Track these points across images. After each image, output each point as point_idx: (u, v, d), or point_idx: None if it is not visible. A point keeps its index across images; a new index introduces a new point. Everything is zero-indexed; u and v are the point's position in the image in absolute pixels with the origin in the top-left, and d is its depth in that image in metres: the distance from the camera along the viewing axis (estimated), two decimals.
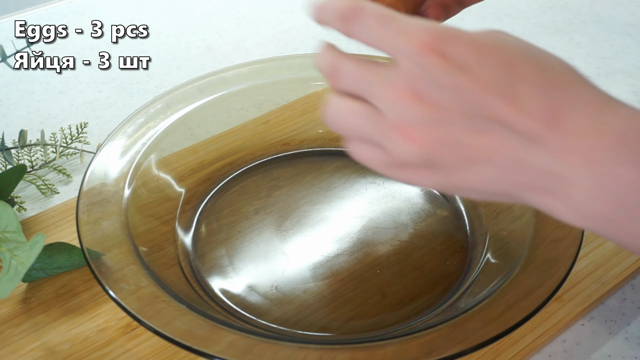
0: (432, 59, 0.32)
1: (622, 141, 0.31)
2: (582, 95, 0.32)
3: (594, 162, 0.31)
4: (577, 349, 0.47)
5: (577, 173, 0.31)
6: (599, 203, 0.31)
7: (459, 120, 0.33)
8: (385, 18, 0.34)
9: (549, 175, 0.32)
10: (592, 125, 0.31)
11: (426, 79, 0.33)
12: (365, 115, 0.35)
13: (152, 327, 0.40)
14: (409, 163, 0.34)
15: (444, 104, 0.33)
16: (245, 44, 0.83)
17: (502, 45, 0.34)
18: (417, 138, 0.33)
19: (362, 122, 0.35)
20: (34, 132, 0.68)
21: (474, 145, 0.33)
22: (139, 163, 0.54)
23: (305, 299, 0.49)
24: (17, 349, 0.46)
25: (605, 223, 0.32)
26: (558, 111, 0.32)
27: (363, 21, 0.34)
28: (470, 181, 0.34)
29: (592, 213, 0.32)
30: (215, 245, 0.53)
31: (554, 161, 0.32)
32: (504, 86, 0.32)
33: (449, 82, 0.32)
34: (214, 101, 0.61)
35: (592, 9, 0.88)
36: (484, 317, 0.42)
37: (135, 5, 0.92)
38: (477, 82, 0.32)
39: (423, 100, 0.33)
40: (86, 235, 0.47)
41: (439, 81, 0.32)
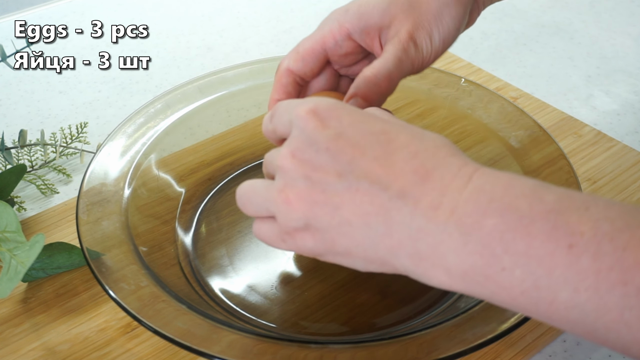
0: (311, 122, 0.35)
1: (482, 193, 0.32)
2: (450, 159, 0.34)
3: (461, 216, 0.32)
4: (578, 349, 0.47)
5: (446, 229, 0.32)
6: (471, 257, 0.31)
7: (333, 180, 0.34)
8: (289, 102, 0.38)
9: (418, 234, 0.32)
10: (456, 183, 0.33)
11: (305, 140, 0.35)
12: (260, 187, 0.38)
13: (152, 327, 0.40)
14: (293, 228, 0.35)
15: (319, 163, 0.34)
16: (245, 44, 0.83)
17: (380, 117, 0.36)
18: (294, 200, 0.35)
19: (256, 194, 0.38)
20: (34, 132, 0.68)
21: (347, 206, 0.34)
22: (139, 163, 0.54)
23: (305, 299, 0.49)
24: (17, 349, 0.46)
25: (482, 280, 0.31)
26: (427, 172, 0.33)
27: (277, 112, 0.39)
28: (347, 246, 0.35)
29: (467, 271, 0.32)
30: (215, 245, 0.53)
31: (422, 218, 0.32)
32: (376, 149, 0.34)
33: (324, 142, 0.34)
34: (214, 101, 0.61)
35: (592, 9, 0.88)
36: (484, 317, 0.42)
37: (135, 5, 0.92)
38: (350, 144, 0.34)
39: (300, 160, 0.35)
40: (86, 235, 0.47)
41: (316, 142, 0.34)
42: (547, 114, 0.67)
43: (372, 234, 0.34)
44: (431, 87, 0.61)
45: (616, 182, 0.59)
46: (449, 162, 0.33)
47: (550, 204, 0.30)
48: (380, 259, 0.34)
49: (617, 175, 0.60)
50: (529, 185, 0.32)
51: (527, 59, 0.79)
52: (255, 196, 0.38)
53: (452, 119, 0.60)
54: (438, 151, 0.34)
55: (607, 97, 0.72)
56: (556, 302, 0.30)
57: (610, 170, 0.60)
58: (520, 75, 0.75)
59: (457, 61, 0.76)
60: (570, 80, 0.75)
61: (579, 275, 0.29)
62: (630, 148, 0.63)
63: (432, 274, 0.33)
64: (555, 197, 0.31)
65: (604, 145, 0.63)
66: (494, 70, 0.76)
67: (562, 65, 0.77)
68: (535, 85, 0.74)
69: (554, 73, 0.76)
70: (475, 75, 0.73)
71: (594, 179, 0.59)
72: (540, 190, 0.31)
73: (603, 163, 0.61)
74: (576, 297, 0.29)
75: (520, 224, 0.30)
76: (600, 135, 0.64)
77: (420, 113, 0.62)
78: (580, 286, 0.29)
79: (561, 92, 0.73)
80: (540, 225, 0.30)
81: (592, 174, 0.60)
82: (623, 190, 0.58)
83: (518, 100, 0.70)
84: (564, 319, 0.30)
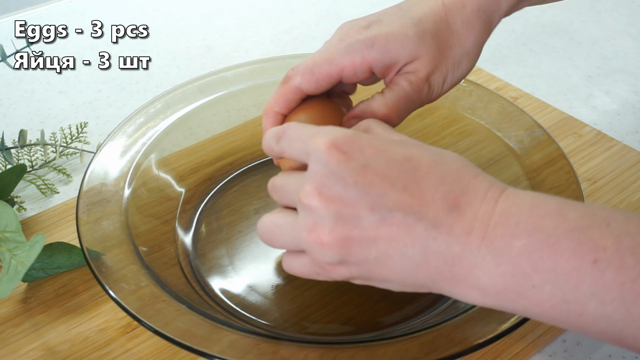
0: (334, 157, 0.34)
1: (510, 217, 0.33)
2: (475, 183, 0.35)
3: (492, 240, 0.33)
4: (578, 349, 0.47)
5: (479, 254, 0.33)
6: (504, 278, 0.33)
7: (365, 214, 0.34)
8: (301, 128, 0.37)
9: (454, 260, 0.34)
10: (485, 208, 0.34)
11: (330, 176, 0.34)
12: (284, 224, 0.37)
13: (152, 327, 0.40)
14: (327, 263, 0.36)
15: (348, 199, 0.34)
16: (245, 44, 0.83)
17: (401, 142, 0.36)
18: (326, 239, 0.34)
19: (283, 231, 0.37)
20: (34, 132, 0.68)
21: (383, 239, 0.34)
22: (139, 163, 0.54)
23: (305, 299, 0.49)
24: (17, 349, 0.46)
25: (514, 297, 0.33)
26: (456, 198, 0.34)
27: (287, 135, 0.38)
28: (384, 275, 0.35)
29: (500, 290, 0.33)
30: (215, 245, 0.53)
31: (458, 246, 0.33)
32: (404, 179, 0.34)
33: (352, 177, 0.34)
34: (214, 101, 0.61)
35: (592, 8, 0.88)
36: (484, 317, 0.42)
37: (135, 5, 0.92)
38: (378, 175, 0.34)
39: (328, 197, 0.34)
40: (86, 235, 0.47)
41: (342, 177, 0.34)
42: (547, 114, 0.67)
43: (410, 264, 0.34)
44: None
45: (616, 182, 0.59)
46: (476, 186, 0.35)
47: (573, 222, 0.32)
48: (417, 284, 0.35)
49: (617, 175, 0.60)
50: (553, 204, 0.33)
51: (527, 59, 0.79)
52: (281, 234, 0.38)
53: (452, 119, 0.60)
54: (462, 174, 0.35)
55: (607, 97, 0.72)
56: (585, 314, 0.31)
57: (610, 170, 0.60)
58: (520, 75, 0.75)
59: None
60: (570, 80, 0.75)
61: (605, 288, 0.31)
62: (630, 148, 0.63)
63: (468, 293, 0.34)
64: (578, 214, 0.33)
65: (604, 145, 0.63)
66: (494, 70, 0.76)
67: (562, 65, 0.77)
68: (535, 85, 0.74)
69: (554, 73, 0.76)
70: (475, 75, 0.73)
71: (594, 179, 0.59)
72: (563, 208, 0.33)
73: (603, 163, 0.61)
74: (603, 308, 0.31)
75: (547, 243, 0.32)
76: (600, 135, 0.64)
77: (420, 113, 0.62)
78: (606, 298, 0.31)
79: (561, 92, 0.73)
80: (566, 244, 0.32)
81: (592, 174, 0.60)
82: (623, 190, 0.58)
83: (518, 100, 0.70)
84: (593, 328, 0.32)
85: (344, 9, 0.90)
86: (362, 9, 0.88)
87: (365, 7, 0.88)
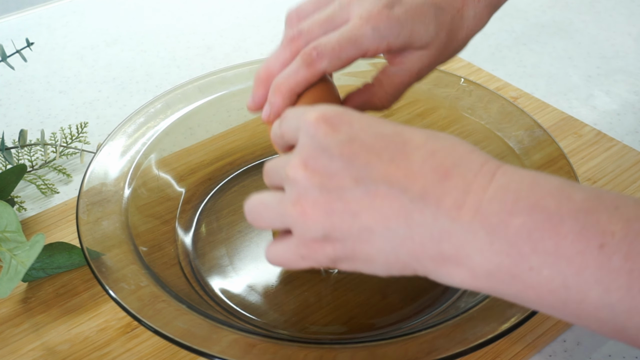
0: (322, 129, 0.34)
1: (507, 192, 0.31)
2: (469, 157, 0.33)
3: (486, 215, 0.31)
4: (578, 349, 0.47)
5: (471, 229, 0.31)
6: (498, 257, 0.31)
7: (350, 186, 0.33)
8: (298, 109, 0.37)
9: (441, 235, 0.32)
10: (479, 182, 0.32)
11: (316, 148, 0.34)
12: (270, 201, 0.36)
13: (152, 327, 0.40)
14: (311, 239, 0.34)
15: (334, 170, 0.33)
16: (245, 44, 0.83)
17: (393, 122, 0.35)
18: (311, 211, 0.34)
19: (268, 209, 0.37)
20: (34, 132, 0.68)
21: (366, 211, 0.33)
22: (139, 163, 0.54)
23: (305, 299, 0.49)
24: (17, 349, 0.46)
25: (508, 279, 0.31)
26: (446, 170, 0.32)
27: (287, 117, 0.38)
28: (367, 252, 0.34)
29: (492, 270, 0.31)
30: (215, 245, 0.53)
31: (446, 219, 0.31)
32: (391, 150, 0.33)
33: (337, 148, 0.33)
34: (214, 101, 0.61)
35: (592, 9, 0.88)
36: (484, 317, 0.42)
37: (136, 5, 0.92)
38: (365, 148, 0.33)
39: (313, 169, 0.34)
40: (86, 235, 0.47)
41: (328, 148, 0.33)
42: (547, 114, 0.67)
43: (393, 238, 0.33)
44: (431, 87, 0.61)
45: (616, 182, 0.59)
46: (469, 159, 0.33)
47: (578, 203, 0.30)
48: (401, 263, 0.33)
49: (617, 175, 0.60)
50: (555, 184, 0.31)
51: (527, 58, 0.79)
52: (266, 211, 0.37)
53: (452, 119, 0.60)
54: (455, 149, 0.33)
55: (607, 97, 0.72)
56: (586, 301, 0.29)
57: (611, 170, 0.60)
58: (520, 75, 0.75)
59: (457, 61, 0.76)
60: (570, 80, 0.75)
61: (611, 276, 0.29)
62: (630, 148, 0.63)
63: (455, 274, 0.32)
64: (584, 195, 0.30)
65: (604, 145, 0.63)
66: (494, 70, 0.76)
67: (562, 65, 0.77)
68: (535, 85, 0.74)
69: (554, 73, 0.76)
70: (475, 75, 0.73)
71: (594, 179, 0.59)
72: (567, 188, 0.31)
73: (603, 163, 0.61)
74: (607, 297, 0.29)
75: (549, 223, 0.30)
76: (600, 135, 0.64)
77: (420, 113, 0.62)
78: (611, 286, 0.29)
79: (561, 92, 0.73)
80: (570, 225, 0.29)
81: (592, 173, 0.60)
82: (623, 190, 0.58)
83: (518, 100, 0.70)
84: (593, 318, 0.30)
85: None
86: None
87: None
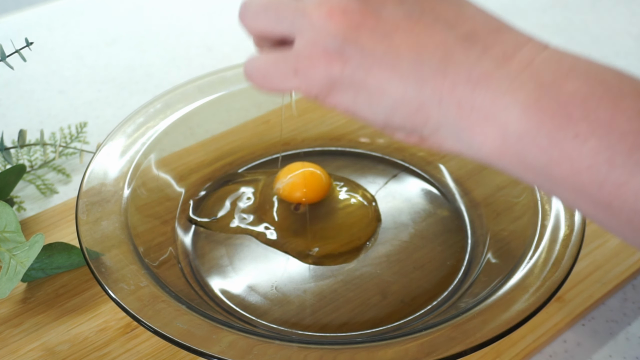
0: None
1: (563, 58, 0.29)
2: (521, 34, 0.30)
3: (538, 72, 0.28)
4: (578, 349, 0.47)
5: (518, 79, 0.28)
6: (541, 115, 0.27)
7: (393, 6, 0.29)
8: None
9: (481, 79, 0.28)
10: (532, 45, 0.29)
11: None
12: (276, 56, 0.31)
13: (152, 327, 0.40)
14: (322, 47, 0.29)
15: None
16: (245, 44, 0.83)
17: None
18: (339, 13, 0.29)
19: (279, 5, 0.31)
20: (33, 132, 0.68)
21: (401, 34, 0.28)
22: (138, 163, 0.54)
23: (305, 299, 0.49)
24: (17, 349, 0.46)
25: (544, 143, 0.27)
26: (499, 27, 0.29)
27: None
28: (382, 79, 0.29)
29: (529, 130, 0.27)
30: (215, 245, 0.53)
31: (492, 63, 0.28)
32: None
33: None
34: (214, 101, 0.61)
35: (592, 8, 0.88)
36: (484, 317, 0.42)
37: (136, 5, 0.91)
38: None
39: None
40: (85, 235, 0.47)
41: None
42: None
43: (422, 70, 0.28)
44: None
45: None
46: (519, 31, 0.29)
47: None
48: (415, 104, 0.29)
49: None
50: (612, 68, 0.29)
51: None
52: (281, 5, 0.31)
53: None
54: (504, 24, 0.30)
55: None
56: (626, 185, 0.26)
57: None
58: None
59: None
60: None
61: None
62: None
63: (480, 130, 0.28)
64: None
65: None
66: None
67: None
68: None
69: None
70: None
71: None
72: (624, 74, 0.28)
73: None
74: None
75: (608, 95, 0.27)
76: None
77: None
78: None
79: None
80: (630, 102, 0.27)
81: None
82: None
83: None
84: (627, 205, 0.27)
85: None
86: None
87: None
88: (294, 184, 0.54)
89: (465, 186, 0.57)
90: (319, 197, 0.54)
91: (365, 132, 0.62)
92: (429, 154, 0.60)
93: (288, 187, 0.54)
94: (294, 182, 0.54)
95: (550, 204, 0.48)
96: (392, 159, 0.61)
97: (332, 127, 0.63)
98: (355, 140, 0.62)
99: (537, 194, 0.50)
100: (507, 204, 0.52)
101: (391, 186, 0.58)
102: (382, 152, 0.61)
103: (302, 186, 0.54)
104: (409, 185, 0.58)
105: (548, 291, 0.42)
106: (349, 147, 0.62)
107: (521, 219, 0.50)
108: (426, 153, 0.60)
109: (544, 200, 0.49)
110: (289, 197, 0.54)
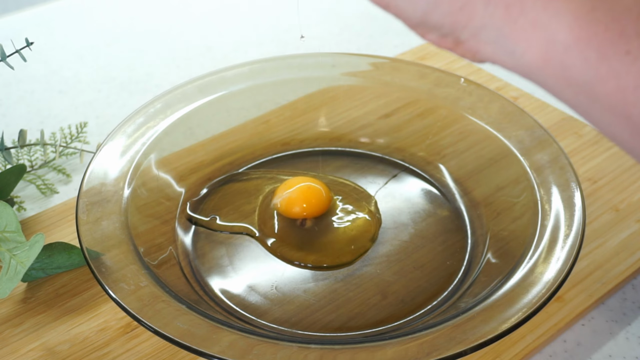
0: None
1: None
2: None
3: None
4: (578, 349, 0.47)
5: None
6: (592, 27, 0.26)
7: None
8: None
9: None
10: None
11: None
12: None
13: (152, 327, 0.40)
14: None
15: None
16: (245, 44, 0.83)
17: None
18: None
19: None
20: (33, 132, 0.68)
21: None
22: (138, 163, 0.54)
23: (305, 299, 0.49)
24: (17, 349, 0.46)
25: (592, 57, 0.26)
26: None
27: None
28: None
29: (579, 41, 0.26)
30: (215, 245, 0.53)
31: None
32: None
33: None
34: (214, 101, 0.61)
35: None
36: (484, 317, 0.42)
37: (135, 5, 0.91)
38: None
39: None
40: (86, 235, 0.47)
41: None
42: (548, 114, 0.67)
43: None
44: (431, 87, 0.61)
45: (616, 182, 0.59)
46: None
47: None
48: (463, 0, 0.27)
49: (617, 176, 0.60)
50: None
51: None
52: None
53: (452, 119, 0.60)
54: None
55: None
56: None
57: (611, 170, 0.60)
58: None
59: (457, 61, 0.76)
60: None
61: None
62: None
63: (525, 36, 0.27)
64: None
65: (604, 145, 0.63)
66: (494, 70, 0.75)
67: None
68: None
69: None
70: (476, 75, 0.73)
71: (594, 179, 0.59)
72: None
73: (603, 163, 0.61)
74: None
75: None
76: (601, 135, 0.64)
77: (420, 113, 0.62)
78: None
79: None
80: None
81: (593, 173, 0.60)
82: (623, 190, 0.58)
83: (518, 100, 0.69)
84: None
85: (344, 8, 0.90)
86: (363, 8, 0.88)
87: (365, 6, 0.88)
88: (292, 199, 0.54)
89: (465, 186, 0.57)
90: (318, 213, 0.54)
91: (366, 132, 0.62)
92: (429, 154, 0.60)
93: (286, 202, 0.54)
94: (292, 198, 0.54)
95: (550, 204, 0.48)
96: (392, 159, 0.61)
97: (332, 127, 0.63)
98: (355, 140, 0.62)
99: (537, 194, 0.50)
100: (507, 204, 0.52)
101: (391, 186, 0.58)
102: (382, 152, 0.61)
103: (301, 202, 0.53)
104: (409, 185, 0.58)
105: (548, 291, 0.42)
106: (349, 147, 0.62)
107: (521, 219, 0.50)
108: (426, 153, 0.60)
109: (544, 200, 0.49)
110: (287, 212, 0.54)
